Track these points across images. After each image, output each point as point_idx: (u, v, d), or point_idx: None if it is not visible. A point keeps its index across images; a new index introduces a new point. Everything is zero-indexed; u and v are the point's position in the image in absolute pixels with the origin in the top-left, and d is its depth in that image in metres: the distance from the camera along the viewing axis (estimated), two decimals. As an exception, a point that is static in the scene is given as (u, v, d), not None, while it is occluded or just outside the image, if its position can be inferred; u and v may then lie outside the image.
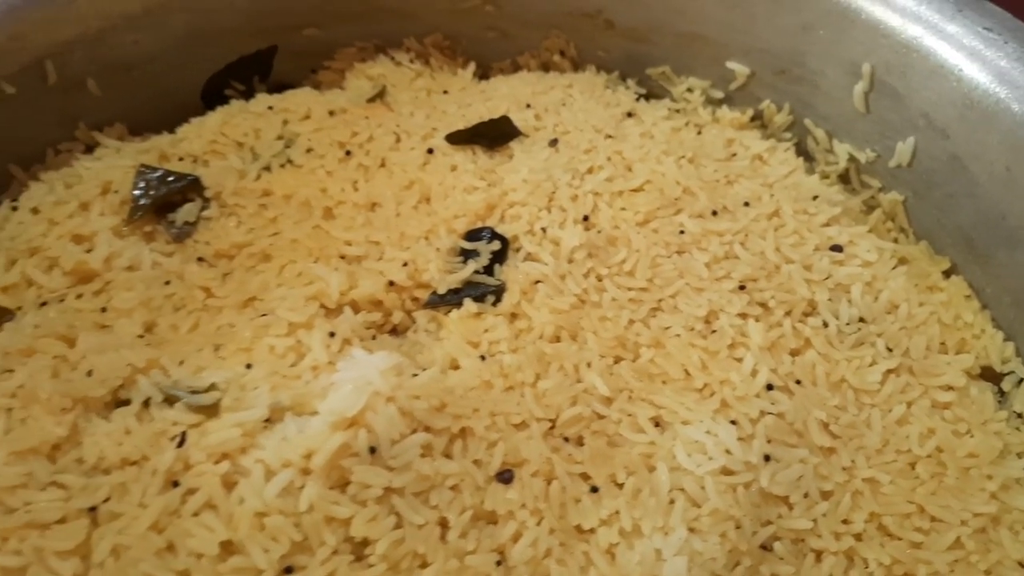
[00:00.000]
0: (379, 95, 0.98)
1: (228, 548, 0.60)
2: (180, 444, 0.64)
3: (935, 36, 0.80)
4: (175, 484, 0.63)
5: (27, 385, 0.67)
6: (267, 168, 0.89)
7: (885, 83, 0.84)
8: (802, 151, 0.94)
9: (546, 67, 1.06)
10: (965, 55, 0.78)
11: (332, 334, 0.73)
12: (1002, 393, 0.76)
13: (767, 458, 0.67)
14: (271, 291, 0.78)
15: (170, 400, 0.67)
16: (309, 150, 0.91)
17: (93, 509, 0.62)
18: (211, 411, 0.66)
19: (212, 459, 0.63)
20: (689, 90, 1.00)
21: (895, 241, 0.87)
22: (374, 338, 0.77)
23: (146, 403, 0.67)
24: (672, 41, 0.98)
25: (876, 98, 0.86)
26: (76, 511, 0.61)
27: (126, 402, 0.68)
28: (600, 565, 0.62)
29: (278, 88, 1.00)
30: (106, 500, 0.62)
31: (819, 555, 0.64)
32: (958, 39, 0.79)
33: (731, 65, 0.96)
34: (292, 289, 0.78)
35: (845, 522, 0.65)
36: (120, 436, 0.65)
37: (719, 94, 0.99)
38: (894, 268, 0.82)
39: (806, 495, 0.66)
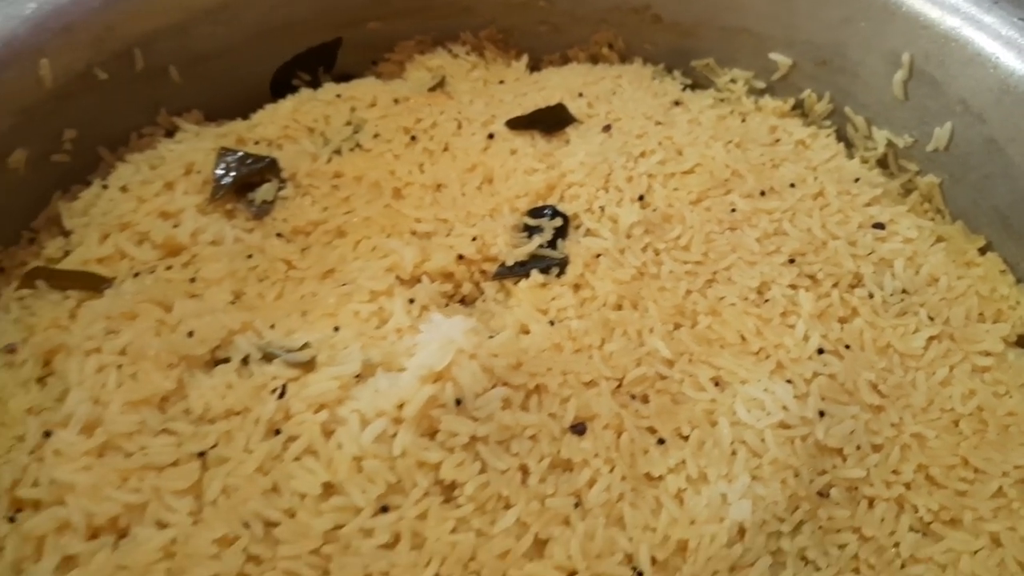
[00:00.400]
0: (439, 85, 1.04)
1: (329, 489, 0.65)
2: (281, 396, 0.69)
3: (972, 27, 0.85)
4: (277, 432, 0.68)
5: (134, 343, 0.73)
6: (338, 152, 0.95)
7: (924, 72, 0.89)
8: (842, 137, 0.99)
9: (594, 59, 1.11)
10: (1001, 44, 0.83)
11: (411, 300, 0.78)
12: (1038, 359, 0.81)
13: (821, 414, 0.72)
14: (348, 264, 0.84)
15: (268, 357, 0.72)
16: (376, 135, 0.96)
17: (203, 454, 0.67)
18: (308, 366, 0.71)
19: (311, 409, 0.68)
20: (732, 81, 1.06)
21: (932, 221, 0.92)
22: (446, 306, 0.82)
23: (244, 360, 0.73)
24: (717, 34, 1.03)
25: (915, 86, 0.91)
26: (187, 455, 0.67)
27: (225, 360, 0.73)
28: (670, 508, 0.67)
29: (341, 78, 1.05)
30: (214, 446, 0.67)
31: (872, 501, 0.69)
32: (995, 29, 0.84)
33: (774, 56, 1.01)
34: (369, 262, 0.83)
35: (895, 472, 0.70)
36: (223, 390, 0.70)
37: (761, 84, 1.04)
38: (933, 245, 0.87)
39: (858, 447, 0.71)
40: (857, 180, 0.92)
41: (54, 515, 0.63)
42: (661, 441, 0.71)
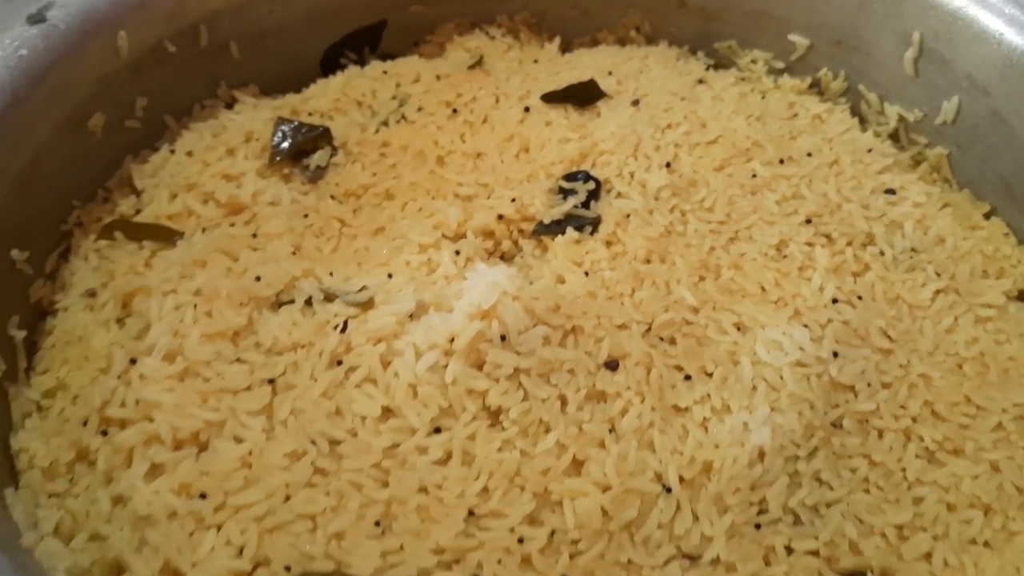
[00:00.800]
0: (477, 63, 1.11)
1: (387, 412, 0.72)
2: (342, 331, 0.76)
3: (978, 6, 0.92)
4: (339, 363, 0.74)
5: (208, 285, 0.79)
6: (385, 123, 1.02)
7: (933, 49, 0.96)
8: (855, 113, 1.06)
9: (622, 42, 1.18)
10: (1004, 21, 0.90)
11: (457, 252, 0.85)
12: (1037, 313, 0.88)
13: (835, 355, 0.78)
14: (397, 222, 0.91)
15: (329, 298, 0.79)
16: (420, 108, 1.03)
17: (272, 381, 0.74)
18: (366, 306, 0.78)
19: (371, 342, 0.75)
20: (753, 61, 1.12)
21: (941, 192, 0.99)
22: (488, 259, 0.89)
23: (308, 302, 0.80)
24: (739, 18, 1.11)
25: (924, 63, 0.98)
26: (259, 381, 0.74)
27: (290, 301, 0.80)
28: (696, 434, 0.73)
29: (385, 58, 1.13)
30: (282, 374, 0.74)
31: (881, 432, 0.75)
32: (998, 7, 0.91)
33: (792, 38, 1.08)
34: (416, 221, 0.90)
35: (903, 407, 0.76)
36: (289, 326, 0.77)
37: (780, 64, 1.11)
38: (941, 209, 0.93)
39: (869, 384, 0.77)
40: (870, 151, 0.98)
41: (142, 429, 0.70)
42: (687, 377, 0.77)
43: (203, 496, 0.66)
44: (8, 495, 0.66)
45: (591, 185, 0.92)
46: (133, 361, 0.75)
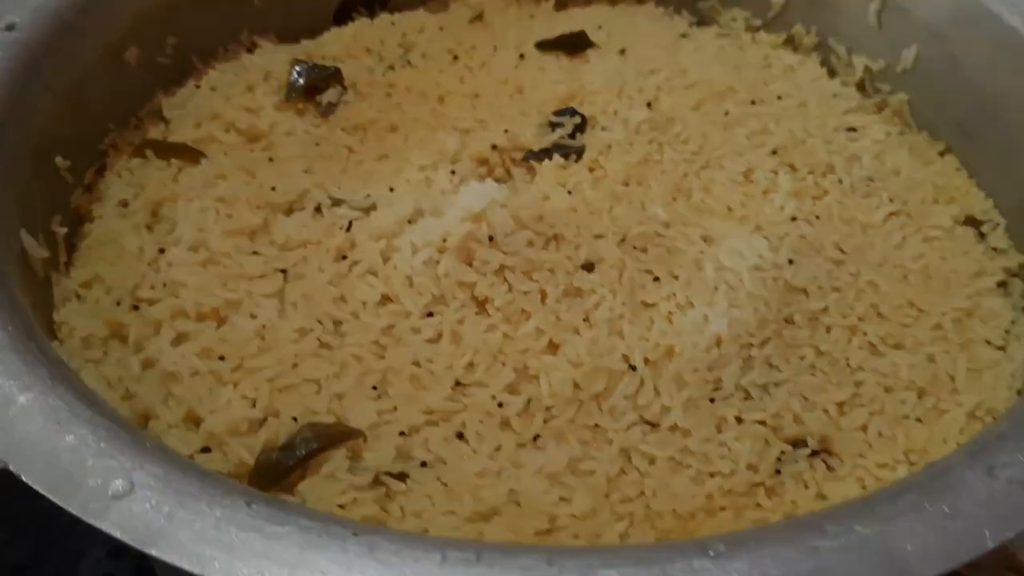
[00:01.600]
0: (478, 17, 1.20)
1: (385, 299, 0.81)
2: (347, 230, 0.85)
3: (934, -43, 1.01)
4: (344, 257, 0.83)
5: (229, 193, 0.89)
6: (391, 67, 1.11)
7: (894, 1, 1.05)
8: (825, 66, 1.14)
9: (613, 3, 1.27)
10: (956, -30, 0.99)
11: (453, 172, 0.94)
12: (981, 235, 0.95)
13: (791, 262, 0.86)
14: (400, 150, 1.00)
15: (336, 204, 0.89)
16: (424, 55, 1.12)
17: (284, 271, 0.83)
18: (370, 210, 0.87)
19: (372, 239, 0.84)
20: (733, 19, 1.21)
21: (900, 134, 1.07)
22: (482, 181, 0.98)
23: (317, 208, 0.89)
24: (722, -21, 1.20)
25: (887, 15, 1.07)
26: (272, 270, 0.82)
27: (301, 209, 0.90)
28: (661, 324, 0.81)
29: (393, 13, 1.22)
30: (293, 265, 0.83)
31: (828, 328, 0.83)
32: (951, -42, 1.00)
33: (769, -4, 1.17)
34: (417, 149, 0.99)
35: (850, 307, 0.84)
36: (300, 227, 0.86)
37: (758, 22, 1.20)
38: (899, 146, 1.02)
39: (820, 288, 0.85)
40: (836, 95, 1.07)
41: (169, 305, 0.79)
42: (656, 279, 0.85)
43: (222, 359, 0.75)
44: (55, 346, 0.75)
45: (577, 120, 1.01)
46: (162, 251, 0.84)
